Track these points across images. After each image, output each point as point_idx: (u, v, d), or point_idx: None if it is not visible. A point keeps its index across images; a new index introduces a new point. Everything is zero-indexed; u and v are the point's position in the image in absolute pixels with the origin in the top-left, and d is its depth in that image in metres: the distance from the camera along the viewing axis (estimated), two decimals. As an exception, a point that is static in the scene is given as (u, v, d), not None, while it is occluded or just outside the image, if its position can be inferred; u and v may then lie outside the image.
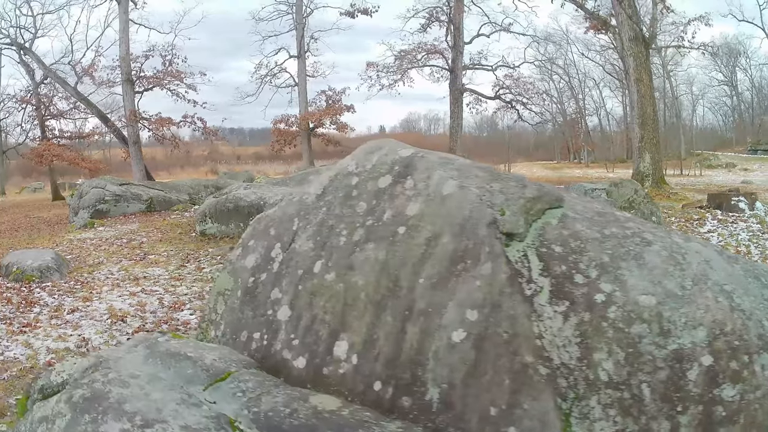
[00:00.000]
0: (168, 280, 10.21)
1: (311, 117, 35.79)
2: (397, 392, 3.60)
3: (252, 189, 15.66)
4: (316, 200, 4.61)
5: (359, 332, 3.84)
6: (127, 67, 30.31)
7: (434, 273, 3.76)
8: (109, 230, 15.94)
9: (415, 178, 4.20)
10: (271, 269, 4.50)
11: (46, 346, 6.85)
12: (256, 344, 4.29)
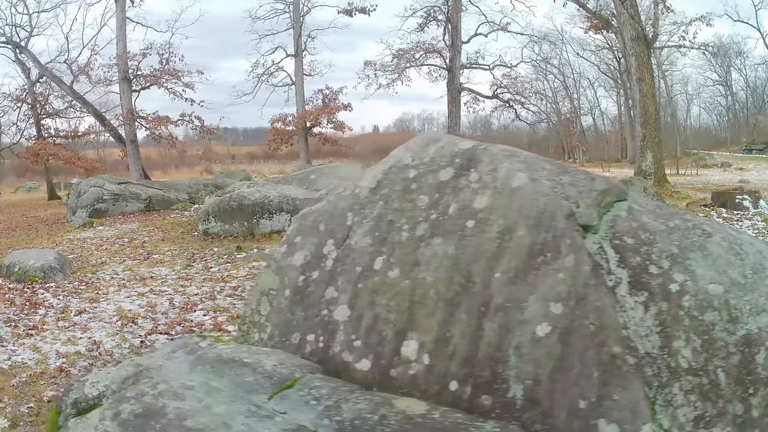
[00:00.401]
0: (176, 280, 9.83)
1: (308, 116, 35.43)
2: (477, 391, 3.47)
3: (256, 187, 15.29)
4: (370, 194, 4.33)
5: (430, 331, 3.66)
6: (124, 66, 29.87)
7: (511, 267, 3.61)
8: (108, 229, 15.55)
9: (480, 171, 4.02)
10: (323, 267, 4.22)
11: (55, 349, 6.46)
12: (311, 347, 4.02)
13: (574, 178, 3.94)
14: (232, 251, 11.94)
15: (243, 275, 10.08)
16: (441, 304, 3.67)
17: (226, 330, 7.24)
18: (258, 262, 10.84)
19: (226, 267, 10.78)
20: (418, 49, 35.35)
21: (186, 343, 3.83)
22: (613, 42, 54.19)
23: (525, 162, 4.08)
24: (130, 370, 3.33)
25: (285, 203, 14.40)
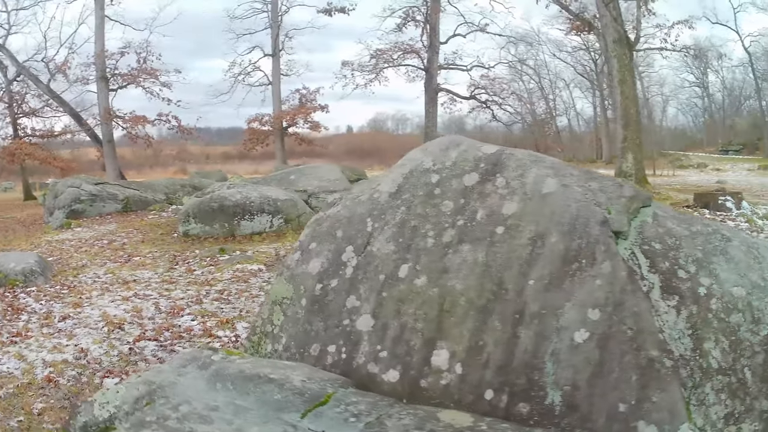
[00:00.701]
0: (160, 283, 9.60)
1: (285, 116, 35.16)
2: (513, 399, 3.44)
3: (236, 188, 15.09)
4: (390, 199, 4.24)
5: (461, 340, 3.60)
6: (102, 64, 29.43)
7: (545, 274, 3.60)
8: (87, 231, 15.22)
9: (507, 176, 3.99)
10: (343, 275, 4.10)
11: (41, 358, 6.21)
12: (332, 358, 3.91)
13: (602, 184, 3.94)
14: (215, 253, 11.72)
15: (228, 278, 9.87)
16: (472, 312, 3.63)
17: (217, 335, 7.05)
18: (242, 265, 10.65)
19: (209, 270, 10.57)
20: (396, 49, 35.23)
21: (196, 357, 3.63)
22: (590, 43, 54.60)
23: (552, 167, 4.06)
24: (142, 389, 3.11)
25: (266, 204, 14.21)
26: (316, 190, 17.05)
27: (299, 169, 19.42)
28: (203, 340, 6.94)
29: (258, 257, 11.34)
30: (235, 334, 7.09)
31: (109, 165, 29.33)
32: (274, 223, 14.17)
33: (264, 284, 9.45)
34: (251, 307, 8.18)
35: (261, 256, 11.53)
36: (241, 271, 10.29)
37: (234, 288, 9.22)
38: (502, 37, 37.33)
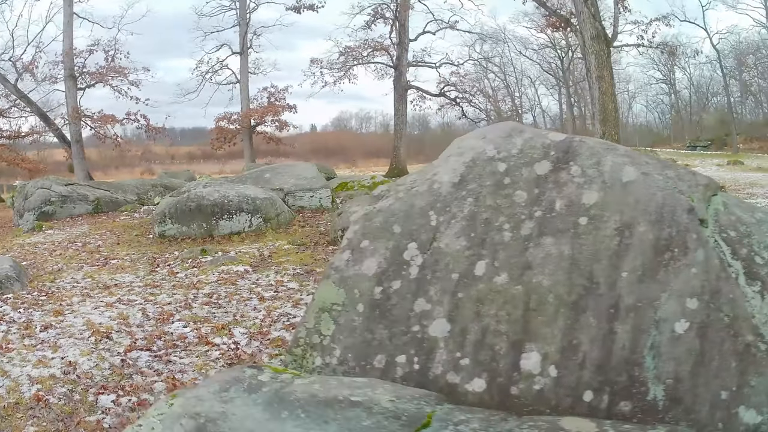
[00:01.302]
0: (143, 287, 9.05)
1: (254, 114, 34.46)
2: (615, 398, 3.26)
3: (213, 187, 14.48)
4: (454, 190, 3.85)
5: (552, 340, 3.38)
6: (70, 62, 28.50)
7: (638, 265, 3.42)
8: (59, 233, 14.54)
9: (582, 165, 3.75)
10: (407, 275, 3.70)
11: (26, 373, 5.67)
12: (403, 370, 3.53)
13: (678, 173, 3.76)
14: (197, 254, 11.17)
15: (214, 280, 9.36)
16: (563, 310, 3.41)
17: (214, 343, 6.58)
18: (227, 266, 10.14)
19: (193, 272, 10.04)
20: (366, 46, 34.74)
21: (238, 378, 3.12)
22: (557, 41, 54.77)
23: (627, 155, 3.83)
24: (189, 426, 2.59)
25: (245, 203, 13.67)
26: (293, 188, 16.57)
27: (274, 168, 18.91)
28: (200, 348, 6.46)
29: (242, 258, 10.83)
30: (234, 341, 6.63)
31: (77, 166, 28.43)
32: (253, 222, 13.65)
33: (253, 286, 8.98)
34: (245, 311, 7.71)
35: (245, 256, 11.02)
36: (227, 273, 9.79)
37: (223, 291, 8.72)
38: (472, 34, 37.09)
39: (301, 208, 16.17)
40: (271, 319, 7.42)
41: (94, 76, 29.43)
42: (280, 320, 7.38)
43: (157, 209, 14.38)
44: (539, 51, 56.79)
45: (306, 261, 10.65)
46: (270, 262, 10.71)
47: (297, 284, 9.10)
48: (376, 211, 4.01)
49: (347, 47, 34.74)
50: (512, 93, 59.46)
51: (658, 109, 63.44)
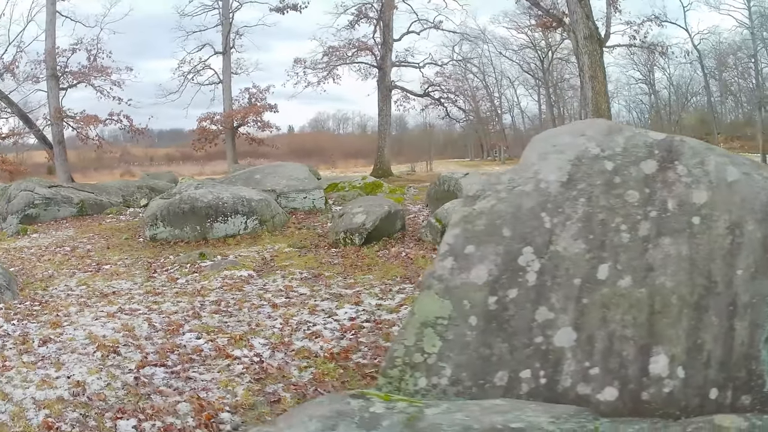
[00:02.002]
0: (144, 295, 8.38)
1: (236, 114, 33.63)
2: (736, 393, 3.27)
3: (206, 188, 13.79)
4: (564, 189, 3.61)
5: (678, 341, 3.32)
6: (53, 62, 27.55)
7: (750, 263, 3.39)
8: (45, 237, 13.76)
9: (686, 164, 3.64)
10: (524, 282, 3.43)
11: (30, 396, 5.00)
12: (528, 386, 3.30)
13: None
14: (195, 259, 10.49)
15: (218, 286, 8.72)
16: (686, 310, 3.35)
17: (233, 355, 5.97)
18: (229, 271, 9.49)
19: (194, 278, 9.38)
20: (350, 46, 34.07)
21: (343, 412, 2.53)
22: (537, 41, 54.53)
23: (726, 156, 3.78)
24: None
25: (240, 205, 13.02)
26: (285, 189, 15.91)
27: (263, 169, 18.17)
28: (219, 362, 5.83)
29: (243, 262, 10.18)
30: (255, 353, 6.03)
31: (59, 167, 27.51)
32: (248, 224, 12.99)
33: (261, 292, 8.37)
34: (260, 320, 7.10)
35: (246, 260, 10.38)
36: (230, 278, 9.15)
37: (230, 298, 8.09)
38: (456, 34, 36.61)
39: (294, 209, 15.53)
40: (290, 327, 6.81)
41: (76, 76, 28.51)
42: (299, 329, 6.78)
43: (147, 212, 13.62)
44: (518, 51, 56.49)
45: (311, 265, 10.04)
46: (274, 266, 10.08)
47: (308, 289, 8.50)
48: (477, 213, 3.64)
49: (331, 47, 34.13)
50: (491, 93, 59.00)
51: (638, 109, 63.45)
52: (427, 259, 10.19)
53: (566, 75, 60.61)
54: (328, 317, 7.26)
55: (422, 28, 34.79)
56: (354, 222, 11.57)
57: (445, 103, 36.55)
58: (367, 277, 9.25)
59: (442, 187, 13.53)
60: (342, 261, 10.29)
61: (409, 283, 8.81)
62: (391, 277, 9.20)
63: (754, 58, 42.56)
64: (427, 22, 34.55)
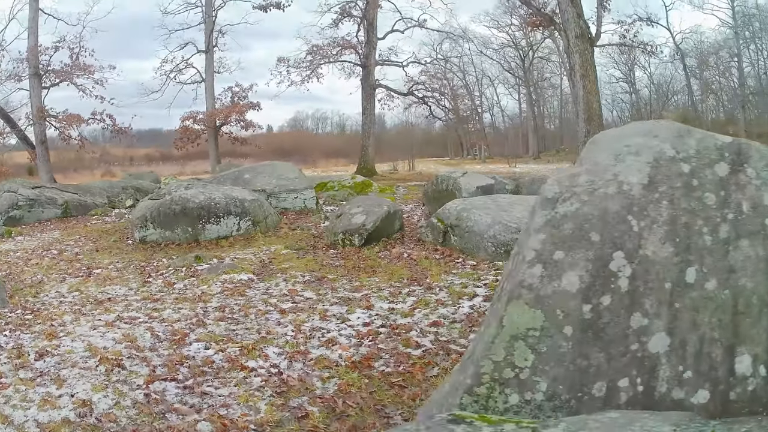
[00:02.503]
0: (141, 302, 7.89)
1: (219, 113, 32.97)
2: None
3: (197, 189, 13.24)
4: (646, 192, 3.40)
5: (758, 341, 3.31)
6: (35, 60, 26.70)
7: None
8: (30, 240, 13.17)
9: (755, 167, 3.59)
10: (617, 288, 3.22)
11: (32, 418, 4.51)
12: (627, 394, 3.17)
13: None
14: (191, 262, 9.99)
15: (219, 291, 8.26)
16: (766, 310, 3.34)
17: (248, 366, 5.55)
18: (228, 275, 9.02)
19: (192, 282, 8.90)
20: (334, 45, 33.54)
21: None
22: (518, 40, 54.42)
23: None
24: None
25: (233, 205, 12.52)
26: (276, 189, 15.44)
27: (253, 168, 17.63)
28: (234, 374, 5.39)
29: (241, 265, 9.72)
30: (272, 364, 5.61)
31: (42, 168, 26.72)
32: (241, 225, 12.50)
33: (265, 297, 7.92)
34: (270, 327, 6.66)
35: (243, 263, 9.91)
36: (230, 282, 8.68)
37: (233, 303, 7.63)
38: (441, 33, 36.24)
39: (285, 209, 15.07)
40: (303, 335, 6.38)
41: (59, 74, 27.69)
42: (313, 336, 6.36)
43: (136, 213, 13.05)
44: (499, 50, 56.39)
45: (312, 267, 9.59)
46: (273, 269, 9.62)
47: (313, 293, 8.06)
48: (561, 217, 3.36)
49: (315, 45, 33.56)
50: (471, 92, 58.77)
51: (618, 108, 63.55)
52: (431, 260, 9.81)
53: (546, 74, 60.76)
54: (341, 323, 6.85)
55: (406, 26, 34.43)
56: (353, 222, 11.13)
57: (429, 101, 36.17)
58: (373, 279, 8.84)
59: (440, 186, 13.14)
60: (343, 263, 9.86)
61: (417, 285, 8.42)
62: (397, 279, 8.79)
63: (737, 57, 42.49)
64: (412, 21, 34.20)
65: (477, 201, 11.33)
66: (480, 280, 8.59)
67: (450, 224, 10.69)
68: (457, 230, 10.52)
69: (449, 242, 10.67)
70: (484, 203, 11.15)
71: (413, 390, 5.14)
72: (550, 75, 61.08)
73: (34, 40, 26.56)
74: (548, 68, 60.20)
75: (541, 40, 51.90)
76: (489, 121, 63.20)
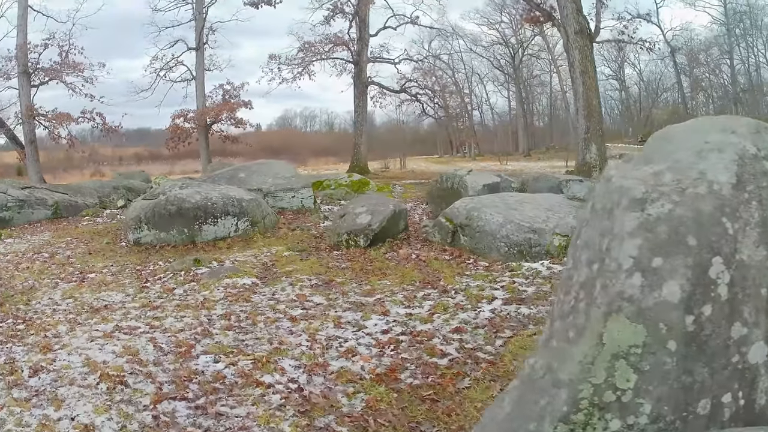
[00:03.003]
0: (140, 309, 7.36)
1: (210, 112, 32.28)
2: None
3: (192, 188, 12.68)
4: (735, 192, 3.04)
5: None
6: (24, 58, 25.98)
7: None
8: (20, 242, 12.59)
9: None
10: (717, 297, 2.87)
11: (29, 446, 4.04)
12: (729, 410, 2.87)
13: None
14: (189, 266, 9.44)
15: (222, 297, 7.75)
16: None
17: (264, 382, 5.05)
18: (230, 279, 8.51)
19: (192, 287, 8.37)
20: (326, 41, 32.92)
21: None
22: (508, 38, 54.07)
23: None
24: None
25: (230, 205, 11.98)
26: (273, 188, 14.90)
27: (247, 167, 17.05)
28: (249, 391, 4.89)
29: (243, 268, 9.21)
30: (290, 378, 5.13)
31: (31, 168, 25.97)
32: (239, 226, 11.97)
33: (272, 303, 7.43)
34: (282, 336, 6.18)
35: (245, 266, 9.40)
36: (233, 287, 8.18)
37: (239, 310, 7.13)
38: (433, 29, 35.77)
39: (282, 209, 14.54)
40: (319, 345, 5.89)
41: (48, 72, 26.95)
42: (330, 346, 5.87)
43: (129, 213, 12.46)
44: (488, 48, 55.99)
45: (318, 270, 9.10)
46: (277, 272, 9.11)
47: (323, 298, 7.58)
48: (654, 220, 2.92)
49: (307, 42, 32.95)
50: (461, 89, 58.37)
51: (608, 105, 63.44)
52: (441, 261, 9.35)
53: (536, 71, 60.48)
54: (357, 330, 6.36)
55: (398, 23, 33.89)
56: (358, 223, 10.65)
57: (422, 99, 35.68)
58: (384, 282, 8.36)
59: (445, 184, 12.64)
60: (350, 265, 9.37)
61: (432, 288, 7.96)
62: (409, 282, 8.32)
63: (729, 54, 42.24)
64: (404, 18, 33.69)
65: (486, 200, 10.86)
66: (496, 282, 8.14)
67: (459, 224, 10.22)
68: (467, 230, 10.06)
69: (458, 242, 10.20)
70: (493, 202, 10.68)
71: (446, 404, 4.68)
72: (540, 72, 60.88)
73: (23, 37, 25.83)
74: (538, 66, 59.99)
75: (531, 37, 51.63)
76: (478, 118, 62.83)
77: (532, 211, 10.36)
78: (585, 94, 22.01)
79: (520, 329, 6.21)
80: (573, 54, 22.17)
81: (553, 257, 9.23)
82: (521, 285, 7.92)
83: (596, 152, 22.02)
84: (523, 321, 6.51)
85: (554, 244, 9.54)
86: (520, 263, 9.03)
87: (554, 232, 9.73)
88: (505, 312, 6.82)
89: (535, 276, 8.34)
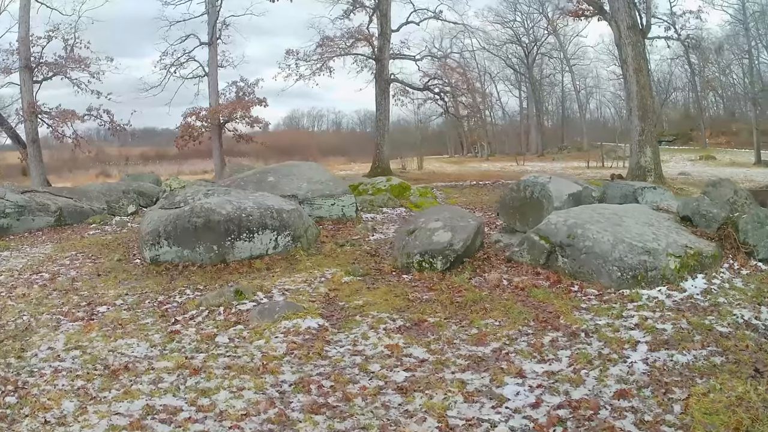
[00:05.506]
0: (175, 372, 5.14)
1: (223, 109, 29.92)
2: None
3: (222, 196, 10.28)
4: None
5: None
6: (26, 51, 23.68)
7: None
8: (17, 256, 10.33)
9: None
10: None
11: None
12: None
13: None
14: (230, 299, 7.16)
15: (285, 351, 5.58)
16: None
17: None
18: (289, 321, 6.33)
19: (239, 333, 6.16)
20: (347, 36, 30.61)
21: None
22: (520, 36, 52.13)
23: None
24: None
25: (269, 217, 9.64)
26: (309, 194, 12.62)
27: (275, 170, 14.45)
28: None
29: (300, 301, 7.01)
30: None
31: (34, 169, 23.69)
32: (279, 242, 9.65)
33: (357, 359, 5.34)
34: (396, 419, 3.99)
35: (301, 299, 7.20)
36: (296, 333, 6.00)
37: (317, 375, 4.96)
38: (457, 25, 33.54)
39: (320, 218, 12.28)
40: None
41: (52, 67, 24.63)
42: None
43: (146, 226, 10.09)
44: (500, 47, 54.00)
45: (397, 304, 6.91)
46: (345, 307, 6.91)
47: (424, 350, 5.46)
48: None
49: (326, 37, 30.62)
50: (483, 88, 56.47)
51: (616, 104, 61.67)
52: (541, 289, 7.19)
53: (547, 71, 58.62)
54: (498, 405, 4.32)
55: (420, 18, 31.66)
56: (435, 241, 8.42)
57: (446, 97, 33.43)
58: (488, 321, 6.26)
59: (523, 192, 10.40)
60: (433, 296, 7.17)
61: (553, 329, 5.97)
62: (522, 321, 6.21)
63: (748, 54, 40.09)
64: (427, 12, 31.43)
65: (583, 214, 8.64)
66: (623, 317, 6.29)
67: (559, 243, 8.04)
68: (568, 250, 7.89)
69: (554, 264, 8.03)
70: (592, 217, 8.50)
71: None
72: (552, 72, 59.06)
73: (25, 29, 23.52)
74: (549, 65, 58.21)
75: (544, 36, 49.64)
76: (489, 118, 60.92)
77: (636, 227, 8.21)
78: (639, 94, 19.91)
79: (690, 385, 4.67)
80: (626, 50, 20.03)
81: (670, 282, 7.30)
82: (654, 321, 6.16)
83: (651, 155, 20.06)
84: (686, 374, 4.90)
85: (670, 266, 7.47)
86: (637, 291, 7.12)
87: (667, 252, 7.64)
88: (659, 362, 5.15)
89: (661, 308, 6.56)
